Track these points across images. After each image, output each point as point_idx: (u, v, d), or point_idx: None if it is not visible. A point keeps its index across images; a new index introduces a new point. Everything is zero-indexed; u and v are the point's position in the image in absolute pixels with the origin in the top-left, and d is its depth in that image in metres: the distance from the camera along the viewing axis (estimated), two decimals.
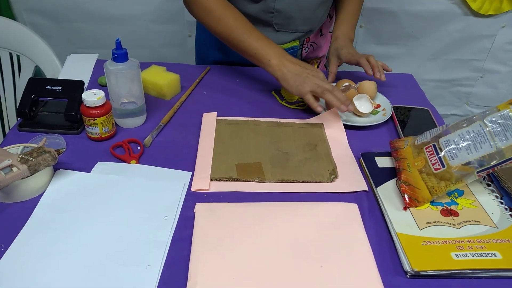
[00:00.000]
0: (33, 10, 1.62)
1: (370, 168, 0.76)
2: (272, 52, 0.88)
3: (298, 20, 1.03)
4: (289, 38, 1.07)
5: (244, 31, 0.90)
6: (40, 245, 0.61)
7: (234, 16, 0.90)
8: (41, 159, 0.66)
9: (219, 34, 0.92)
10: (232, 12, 0.91)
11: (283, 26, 1.04)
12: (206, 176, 0.73)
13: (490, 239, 0.62)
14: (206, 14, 0.91)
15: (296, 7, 1.00)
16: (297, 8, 1.00)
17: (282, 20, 1.02)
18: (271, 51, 0.88)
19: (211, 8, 0.90)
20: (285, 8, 1.00)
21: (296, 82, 0.86)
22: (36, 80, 0.88)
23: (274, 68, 0.88)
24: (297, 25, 1.04)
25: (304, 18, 1.02)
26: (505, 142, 0.65)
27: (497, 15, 1.55)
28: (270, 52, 0.88)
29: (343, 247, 0.61)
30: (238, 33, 0.89)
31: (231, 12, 0.91)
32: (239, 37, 0.89)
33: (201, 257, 0.59)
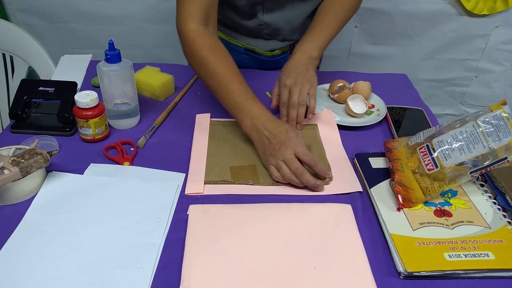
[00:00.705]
0: (26, 10, 1.61)
1: (364, 169, 0.76)
2: (246, 112, 0.79)
3: (287, 31, 1.03)
4: (279, 45, 1.08)
5: (222, 81, 0.81)
6: (32, 248, 0.60)
7: (216, 61, 0.82)
8: (33, 161, 0.66)
9: (201, 78, 0.85)
10: (215, 56, 0.82)
11: (272, 36, 1.04)
12: (200, 179, 0.73)
13: (483, 240, 0.62)
14: (190, 55, 0.84)
15: (284, 19, 1.00)
16: (285, 20, 1.00)
17: (271, 31, 1.03)
18: (245, 110, 0.79)
19: (195, 49, 0.82)
20: (273, 20, 1.00)
21: (265, 151, 0.76)
22: (28, 81, 0.88)
23: (246, 130, 0.80)
24: (286, 35, 1.04)
25: (293, 29, 1.01)
26: (498, 142, 0.65)
27: (491, 15, 1.56)
28: (244, 111, 0.79)
29: (337, 248, 0.61)
30: (216, 82, 0.81)
31: (214, 56, 0.82)
32: (217, 86, 0.82)
33: (194, 259, 0.59)
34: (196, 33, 0.82)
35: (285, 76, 0.90)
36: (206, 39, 0.83)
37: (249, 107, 0.79)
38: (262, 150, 0.77)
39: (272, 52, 1.08)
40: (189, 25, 0.82)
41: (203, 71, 0.83)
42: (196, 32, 0.82)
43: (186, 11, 0.83)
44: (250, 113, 0.79)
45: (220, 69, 0.81)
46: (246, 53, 1.08)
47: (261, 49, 1.07)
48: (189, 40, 0.82)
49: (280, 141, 0.74)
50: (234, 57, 1.07)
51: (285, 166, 0.73)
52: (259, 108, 0.80)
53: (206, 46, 0.82)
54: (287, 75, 0.89)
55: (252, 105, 0.80)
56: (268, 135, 0.76)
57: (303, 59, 0.92)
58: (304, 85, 0.87)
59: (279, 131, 0.76)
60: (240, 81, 0.82)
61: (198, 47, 0.82)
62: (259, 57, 1.09)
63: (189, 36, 0.82)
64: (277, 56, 1.09)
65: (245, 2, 0.93)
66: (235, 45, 1.06)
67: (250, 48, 1.07)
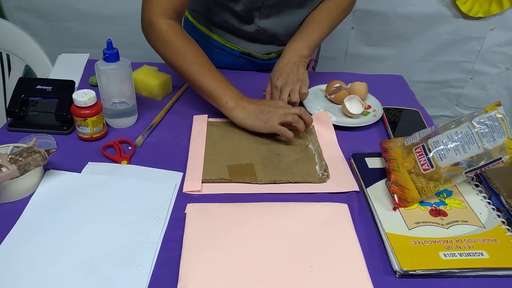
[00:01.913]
0: (23, 9, 1.61)
1: (361, 169, 0.77)
2: (229, 94, 0.84)
3: (283, 36, 1.03)
4: (276, 49, 1.08)
5: (201, 68, 0.84)
6: (29, 246, 0.60)
7: (192, 51, 0.85)
8: (31, 159, 0.66)
9: (176, 68, 0.86)
10: (191, 46, 0.85)
11: (269, 40, 1.05)
12: (198, 177, 0.74)
13: (477, 239, 0.63)
14: (163, 45, 0.85)
15: (281, 25, 1.00)
16: (282, 26, 1.00)
17: (268, 36, 1.03)
18: (228, 93, 0.84)
19: (169, 40, 0.84)
20: (270, 26, 1.00)
21: (263, 119, 0.82)
22: (26, 79, 0.88)
23: (231, 112, 0.84)
24: (283, 40, 1.04)
25: (290, 34, 1.01)
26: (493, 143, 0.66)
27: (486, 18, 1.57)
28: (227, 94, 0.84)
29: (333, 247, 0.62)
30: (195, 69, 0.84)
31: (190, 46, 0.85)
32: (196, 73, 0.84)
33: (192, 257, 0.59)
34: (169, 25, 0.84)
35: (276, 77, 0.92)
36: (179, 31, 0.86)
37: (232, 91, 0.85)
38: (259, 120, 0.82)
39: (269, 55, 1.09)
40: (161, 19, 0.84)
41: (179, 60, 0.85)
42: (168, 25, 0.85)
43: (158, 5, 0.84)
44: (234, 96, 0.84)
45: (198, 57, 0.85)
46: (242, 56, 1.08)
47: (257, 53, 1.07)
48: (163, 32, 0.84)
49: (269, 103, 0.84)
50: (230, 60, 1.08)
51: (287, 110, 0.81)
52: (239, 92, 0.86)
53: (181, 37, 0.85)
54: (277, 76, 0.92)
55: (233, 89, 0.86)
56: (257, 106, 0.83)
57: (294, 58, 0.94)
58: (295, 85, 0.89)
59: (266, 102, 0.85)
60: (217, 70, 0.86)
61: (172, 38, 0.84)
62: (256, 60, 1.09)
63: (162, 28, 0.84)
64: (273, 59, 1.09)
65: (243, 8, 0.94)
66: (231, 49, 1.06)
67: (247, 52, 1.06)
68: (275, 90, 0.91)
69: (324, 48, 1.68)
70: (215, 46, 1.06)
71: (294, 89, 0.89)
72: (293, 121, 0.81)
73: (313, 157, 0.80)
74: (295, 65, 0.93)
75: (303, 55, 0.95)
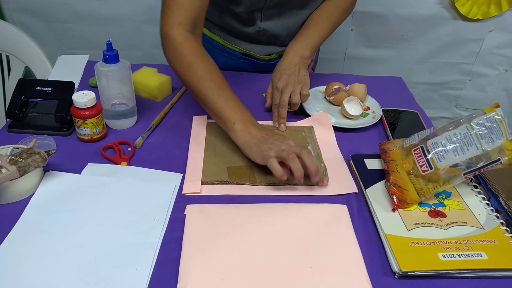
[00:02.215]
0: (23, 10, 1.61)
1: (360, 170, 0.77)
2: (237, 116, 0.78)
3: (285, 37, 1.03)
4: (277, 50, 1.08)
5: (211, 86, 0.79)
6: (29, 247, 0.60)
7: (205, 67, 0.80)
8: (30, 161, 0.66)
9: (186, 84, 0.82)
10: (204, 62, 0.81)
11: (270, 41, 1.05)
12: (197, 179, 0.74)
13: (476, 240, 0.63)
14: (176, 59, 0.82)
15: (283, 26, 1.00)
16: (284, 27, 1.01)
17: (269, 37, 1.03)
18: (237, 114, 0.78)
19: (182, 52, 0.80)
20: (272, 27, 1.00)
21: (261, 147, 0.74)
22: (26, 81, 0.88)
23: (237, 134, 0.77)
24: (284, 40, 1.04)
25: (291, 35, 1.01)
26: (491, 144, 0.66)
27: (485, 20, 1.58)
28: (235, 115, 0.78)
29: (333, 248, 0.62)
30: (205, 86, 0.79)
31: (203, 61, 0.81)
32: (205, 91, 0.79)
33: (191, 258, 0.59)
34: (184, 37, 0.81)
35: (277, 78, 0.92)
36: (194, 45, 0.82)
37: (242, 113, 0.79)
38: (258, 147, 0.74)
39: (270, 56, 1.09)
40: (176, 30, 0.81)
41: (190, 76, 0.81)
42: (184, 37, 0.81)
43: (174, 16, 0.81)
44: (243, 118, 0.78)
45: (210, 74, 0.80)
46: (243, 57, 1.08)
47: (258, 54, 1.07)
48: (176, 44, 0.81)
49: (277, 137, 0.76)
50: (231, 61, 1.08)
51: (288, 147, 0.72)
52: (250, 114, 0.80)
53: (194, 51, 0.81)
54: (278, 77, 0.92)
55: (244, 111, 0.80)
56: (264, 134, 0.76)
57: (295, 59, 0.94)
58: (296, 86, 0.89)
59: (275, 134, 0.77)
60: (229, 88, 0.82)
61: (186, 51, 0.81)
62: (256, 61, 1.09)
63: (176, 40, 0.81)
64: (274, 60, 1.10)
65: (244, 9, 0.94)
66: (232, 50, 1.07)
67: (248, 52, 1.07)
68: (276, 91, 0.91)
69: (323, 49, 1.68)
70: (216, 47, 1.06)
71: (295, 91, 0.88)
72: (287, 158, 0.71)
73: None
74: (297, 66, 0.93)
75: (304, 56, 0.95)
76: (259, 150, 0.74)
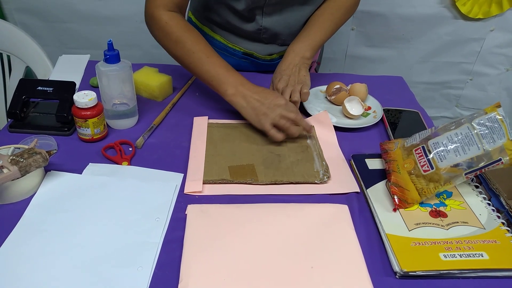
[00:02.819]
0: (24, 10, 1.61)
1: (361, 170, 0.77)
2: (229, 81, 0.84)
3: (285, 35, 1.03)
4: (278, 49, 1.08)
5: (200, 56, 0.85)
6: (31, 247, 0.60)
7: (192, 39, 0.86)
8: (32, 160, 0.66)
9: (177, 58, 0.88)
10: (191, 35, 0.86)
11: (271, 40, 1.05)
12: (199, 178, 0.74)
13: (477, 240, 0.63)
14: (164, 36, 0.87)
15: (283, 24, 1.00)
16: (284, 25, 1.01)
17: (270, 36, 1.03)
18: (229, 80, 0.84)
19: (169, 30, 0.85)
20: (272, 25, 1.00)
21: (258, 115, 0.81)
22: (27, 81, 0.88)
23: (231, 98, 0.83)
24: (285, 39, 1.04)
25: (292, 33, 1.02)
26: (492, 144, 0.66)
27: (486, 19, 1.58)
28: (227, 80, 0.84)
29: (334, 248, 0.62)
30: (195, 57, 0.85)
31: (190, 35, 0.86)
32: (196, 62, 0.85)
33: (192, 258, 0.59)
34: (169, 16, 0.86)
35: (277, 79, 0.92)
36: (180, 21, 0.87)
37: (232, 77, 0.84)
38: (253, 113, 0.82)
39: (271, 56, 1.09)
40: (161, 11, 0.86)
41: (179, 50, 0.86)
42: (169, 16, 0.86)
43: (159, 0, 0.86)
44: (234, 82, 0.83)
45: (198, 45, 0.85)
46: (244, 57, 1.08)
47: (259, 53, 1.07)
48: (162, 23, 0.86)
49: (271, 98, 0.82)
50: (232, 61, 1.08)
51: (285, 113, 0.80)
52: (241, 77, 0.85)
53: (180, 27, 0.86)
54: (279, 78, 0.92)
55: (235, 75, 0.85)
56: (258, 98, 0.82)
57: (296, 59, 0.94)
58: (296, 86, 0.89)
59: (265, 94, 0.83)
60: (217, 56, 0.86)
61: (173, 28, 0.85)
62: (257, 61, 1.09)
63: (162, 19, 0.86)
64: (275, 60, 1.09)
65: (245, 6, 0.94)
66: (233, 49, 1.07)
67: (249, 52, 1.07)
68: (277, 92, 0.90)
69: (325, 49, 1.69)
70: (218, 46, 1.06)
71: (295, 90, 0.89)
72: (283, 127, 0.81)
73: (313, 158, 0.81)
74: (297, 67, 0.93)
75: (305, 56, 0.95)
76: (257, 119, 0.82)
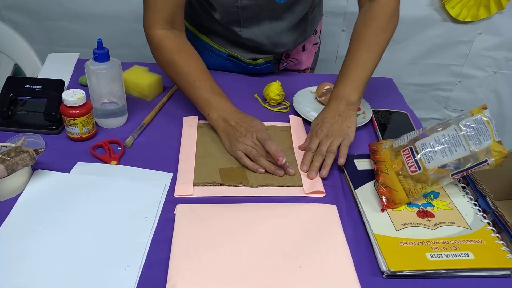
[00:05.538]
0: (12, 7, 1.59)
1: (349, 170, 0.78)
2: (213, 105, 0.83)
3: (268, 45, 1.01)
4: (262, 56, 1.05)
5: (189, 79, 0.85)
6: (17, 246, 0.60)
7: (182, 61, 0.85)
8: (19, 159, 0.65)
9: (170, 78, 0.89)
10: (182, 56, 0.86)
11: (255, 49, 1.03)
12: (189, 181, 0.73)
13: (463, 240, 0.64)
14: (157, 56, 0.88)
15: (263, 35, 0.98)
16: (264, 35, 0.98)
17: (253, 45, 1.01)
18: (213, 104, 0.83)
19: (161, 51, 0.86)
20: (252, 36, 0.98)
21: (232, 140, 0.79)
22: (15, 78, 0.87)
23: (213, 122, 0.84)
24: (269, 48, 1.02)
25: (274, 43, 1.00)
26: (479, 145, 0.67)
27: (475, 22, 1.59)
28: (212, 105, 0.83)
29: (322, 248, 0.62)
30: (184, 80, 0.86)
31: (180, 56, 0.86)
32: (185, 84, 0.86)
33: (180, 258, 0.59)
34: (162, 37, 0.86)
35: (318, 125, 0.83)
36: (172, 42, 0.86)
37: (216, 102, 0.84)
38: (227, 138, 0.81)
39: (255, 60, 1.06)
40: (153, 31, 0.86)
41: (171, 72, 0.87)
42: (162, 36, 0.86)
43: (150, 18, 0.85)
44: (216, 106, 0.83)
45: (187, 68, 0.85)
46: (229, 59, 1.06)
47: (244, 57, 1.05)
48: (156, 44, 0.86)
49: (246, 128, 0.79)
50: (218, 62, 1.07)
51: (254, 150, 0.77)
52: (225, 101, 0.84)
53: (172, 48, 0.86)
54: (320, 125, 0.83)
55: (218, 99, 0.84)
56: (234, 124, 0.80)
57: (340, 107, 0.84)
58: (337, 139, 0.80)
59: (245, 120, 0.81)
60: (206, 78, 0.86)
61: (164, 49, 0.86)
62: (242, 64, 1.07)
63: (155, 40, 0.86)
64: (261, 65, 1.07)
65: (222, 17, 0.93)
66: (218, 51, 1.05)
67: (233, 55, 1.05)
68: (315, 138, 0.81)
69: None
70: (204, 47, 1.05)
71: (334, 141, 0.79)
72: (254, 159, 0.76)
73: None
74: (341, 117, 0.83)
75: (350, 101, 0.84)
76: (230, 146, 0.80)
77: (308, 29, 1.07)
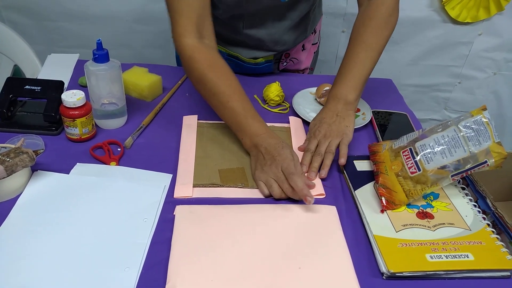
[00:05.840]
0: (12, 8, 1.59)
1: (349, 171, 0.78)
2: (246, 130, 0.79)
3: (269, 43, 1.01)
4: (263, 54, 1.04)
5: (221, 100, 0.79)
6: (16, 247, 0.60)
7: (214, 79, 0.79)
8: (18, 160, 0.65)
9: (202, 95, 0.83)
10: (213, 73, 0.80)
11: (256, 46, 1.02)
12: (189, 182, 0.73)
13: (463, 241, 0.64)
14: (188, 71, 0.83)
15: (266, 33, 0.98)
16: (266, 33, 0.98)
17: (254, 42, 1.01)
18: (246, 129, 0.79)
19: (193, 66, 0.80)
20: (255, 34, 0.98)
21: (256, 167, 0.76)
22: (14, 79, 0.87)
23: (246, 148, 0.80)
24: (269, 46, 1.02)
25: (275, 41, 1.00)
26: (478, 147, 0.67)
27: (474, 23, 1.60)
28: (245, 129, 0.79)
29: (322, 249, 0.62)
30: (216, 100, 0.80)
31: (212, 73, 0.80)
32: (217, 105, 0.81)
33: (180, 259, 0.59)
34: (193, 49, 0.81)
35: (316, 126, 0.83)
36: (204, 56, 0.81)
37: (248, 126, 0.78)
38: (255, 163, 0.77)
39: (256, 60, 1.06)
40: (184, 41, 0.81)
41: (202, 89, 0.82)
42: (193, 48, 0.81)
43: (179, 26, 0.81)
44: (249, 132, 0.78)
45: (219, 87, 0.79)
46: (229, 59, 1.06)
47: (244, 56, 1.05)
48: (187, 57, 0.81)
49: (272, 157, 0.74)
50: None
51: (275, 184, 0.71)
52: (258, 125, 0.79)
53: (204, 63, 0.80)
54: (318, 126, 0.83)
55: (251, 123, 0.79)
56: (264, 150, 0.75)
57: (338, 107, 0.84)
58: (335, 139, 0.80)
59: (274, 147, 0.75)
60: (239, 99, 0.80)
61: (196, 64, 0.80)
62: (242, 63, 1.07)
63: (186, 53, 0.81)
64: (261, 64, 1.07)
65: (225, 16, 0.93)
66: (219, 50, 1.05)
67: (234, 54, 1.05)
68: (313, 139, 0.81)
69: None
70: None
71: (333, 141, 0.80)
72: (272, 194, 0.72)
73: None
74: (339, 117, 0.83)
75: (348, 101, 0.84)
76: (255, 169, 0.76)
77: (309, 28, 1.07)
